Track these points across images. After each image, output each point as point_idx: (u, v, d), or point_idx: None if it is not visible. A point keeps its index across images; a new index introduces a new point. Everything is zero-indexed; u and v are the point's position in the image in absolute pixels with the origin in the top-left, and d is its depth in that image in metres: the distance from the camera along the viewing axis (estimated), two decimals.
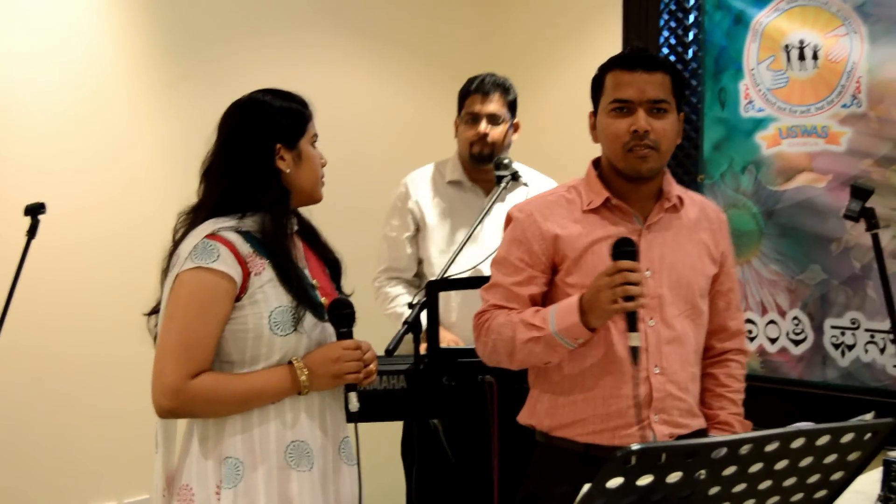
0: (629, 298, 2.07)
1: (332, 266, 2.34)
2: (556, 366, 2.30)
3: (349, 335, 2.16)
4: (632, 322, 2.09)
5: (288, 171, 2.15)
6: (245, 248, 2.09)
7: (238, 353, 2.10)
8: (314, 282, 2.20)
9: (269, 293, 2.08)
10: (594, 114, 2.35)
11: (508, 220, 2.38)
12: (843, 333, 3.52)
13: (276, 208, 2.13)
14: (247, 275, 2.07)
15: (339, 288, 2.33)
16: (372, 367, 2.20)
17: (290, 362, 2.11)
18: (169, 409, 2.06)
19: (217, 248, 2.05)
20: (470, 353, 2.66)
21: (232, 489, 2.06)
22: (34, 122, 3.59)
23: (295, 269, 2.13)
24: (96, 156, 3.72)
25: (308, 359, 2.13)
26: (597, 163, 2.37)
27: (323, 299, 2.19)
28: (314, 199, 2.23)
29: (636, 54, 2.29)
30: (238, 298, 2.07)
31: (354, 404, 2.12)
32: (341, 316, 2.16)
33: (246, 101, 2.20)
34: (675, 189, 2.36)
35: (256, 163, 2.14)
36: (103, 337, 3.71)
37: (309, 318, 2.12)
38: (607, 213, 2.30)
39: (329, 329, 2.19)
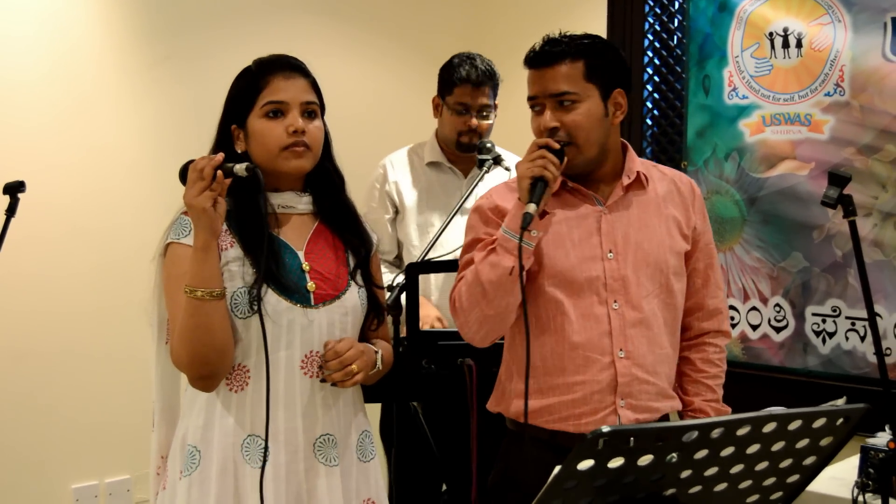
0: (543, 181, 2.09)
1: (357, 254, 2.21)
2: (521, 354, 2.23)
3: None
4: (536, 194, 2.08)
5: (240, 151, 2.11)
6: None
7: None
8: (305, 265, 2.11)
9: (234, 272, 2.03)
10: None
11: (471, 213, 2.32)
12: (824, 321, 3.54)
13: (244, 188, 2.04)
14: None
15: (366, 277, 2.20)
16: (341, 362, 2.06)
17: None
18: (191, 378, 2.04)
19: (188, 223, 2.03)
20: (450, 335, 2.66)
21: (188, 477, 2.04)
22: (13, 103, 3.56)
23: (265, 248, 2.02)
24: (77, 136, 3.70)
25: None
26: None
27: (311, 284, 2.09)
28: (276, 172, 2.10)
29: (538, 49, 2.24)
30: None
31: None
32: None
33: None
34: (636, 165, 2.32)
35: (218, 146, 2.13)
36: (83, 317, 3.70)
37: (275, 300, 2.04)
38: (567, 195, 2.27)
39: (320, 317, 2.09)
